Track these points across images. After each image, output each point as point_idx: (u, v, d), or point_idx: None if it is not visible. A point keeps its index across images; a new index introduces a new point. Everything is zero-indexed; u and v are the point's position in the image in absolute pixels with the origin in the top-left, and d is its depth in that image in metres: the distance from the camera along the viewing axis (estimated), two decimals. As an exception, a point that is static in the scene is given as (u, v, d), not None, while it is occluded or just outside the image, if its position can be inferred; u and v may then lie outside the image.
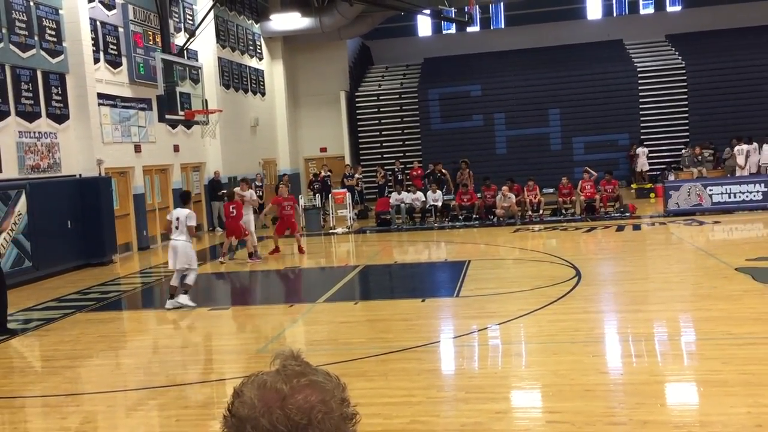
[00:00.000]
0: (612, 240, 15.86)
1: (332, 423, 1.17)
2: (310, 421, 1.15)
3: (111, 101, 17.11)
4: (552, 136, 27.23)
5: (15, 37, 14.15)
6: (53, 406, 6.87)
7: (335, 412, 1.18)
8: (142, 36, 18.48)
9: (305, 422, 1.15)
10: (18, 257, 13.76)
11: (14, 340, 9.62)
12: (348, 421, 1.21)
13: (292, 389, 1.17)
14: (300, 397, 1.17)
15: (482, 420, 5.67)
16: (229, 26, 23.95)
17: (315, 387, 1.19)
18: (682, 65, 26.85)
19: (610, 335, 8.37)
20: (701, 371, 6.65)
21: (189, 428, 6.05)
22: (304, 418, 1.15)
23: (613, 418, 5.59)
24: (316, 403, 1.17)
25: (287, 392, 1.17)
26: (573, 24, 30.78)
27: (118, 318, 11.38)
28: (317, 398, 1.18)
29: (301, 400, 1.16)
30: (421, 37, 32.79)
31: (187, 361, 8.47)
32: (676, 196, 18.62)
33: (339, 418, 1.19)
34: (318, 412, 1.16)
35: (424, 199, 20.70)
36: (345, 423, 1.20)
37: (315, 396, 1.18)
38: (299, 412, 1.15)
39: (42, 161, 14.90)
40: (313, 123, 29.29)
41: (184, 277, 10.98)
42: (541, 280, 11.27)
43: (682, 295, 9.98)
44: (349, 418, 1.21)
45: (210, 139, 21.26)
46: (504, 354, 7.72)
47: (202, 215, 21.93)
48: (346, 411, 1.21)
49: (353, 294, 12.06)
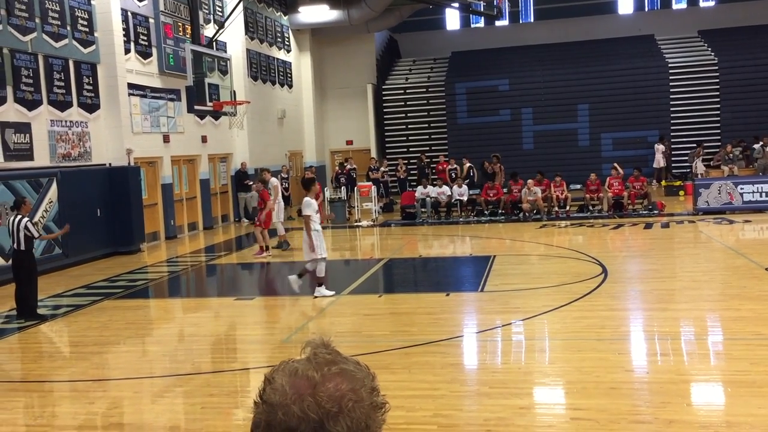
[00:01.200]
0: (639, 237, 15.70)
1: (362, 411, 1.18)
2: (340, 409, 1.16)
3: (141, 91, 17.29)
4: (580, 131, 26.98)
5: (48, 27, 14.35)
6: (81, 390, 6.98)
7: (365, 401, 1.19)
8: (172, 27, 18.63)
9: (336, 410, 1.15)
10: (48, 244, 13.97)
11: (43, 326, 9.79)
12: (378, 410, 1.21)
13: (323, 377, 1.18)
14: (331, 385, 1.18)
15: (505, 415, 5.66)
16: (258, 18, 24.05)
17: (346, 375, 1.20)
18: (715, 61, 26.43)
19: (635, 333, 8.29)
20: (729, 371, 6.56)
21: (214, 416, 6.11)
22: (335, 405, 1.15)
23: (638, 417, 5.55)
24: (346, 391, 1.18)
25: (318, 380, 1.18)
26: (604, 18, 30.42)
27: (145, 306, 11.52)
28: (348, 387, 1.18)
29: (332, 388, 1.17)
30: (449, 31, 32.63)
31: (213, 349, 8.56)
32: (706, 194, 18.36)
33: (369, 407, 1.19)
34: (348, 400, 1.17)
35: (449, 193, 20.65)
36: (375, 412, 1.20)
37: (345, 384, 1.19)
38: (330, 400, 1.16)
39: (73, 150, 15.12)
40: (340, 116, 29.33)
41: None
42: (567, 276, 11.19)
43: (710, 295, 9.85)
44: (379, 407, 1.21)
45: (237, 131, 21.40)
46: (528, 350, 7.69)
47: (228, 206, 22.11)
48: (376, 400, 1.21)
49: (377, 287, 12.08)
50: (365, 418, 1.18)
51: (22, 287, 10.00)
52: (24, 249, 9.82)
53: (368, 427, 1.18)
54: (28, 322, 9.83)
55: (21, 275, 9.96)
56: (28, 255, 9.97)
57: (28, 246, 9.87)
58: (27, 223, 9.80)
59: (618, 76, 26.70)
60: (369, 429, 1.18)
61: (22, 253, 9.88)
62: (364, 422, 1.17)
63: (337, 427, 1.15)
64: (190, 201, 19.76)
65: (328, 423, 1.15)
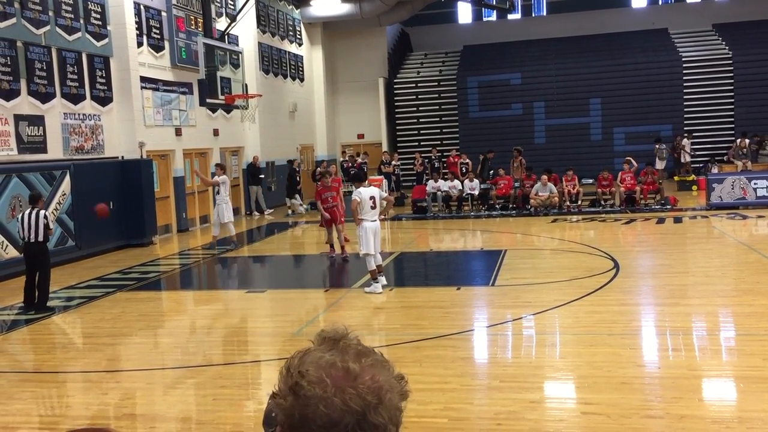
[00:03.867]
0: (652, 232, 15.62)
1: (396, 401, 1.22)
2: (380, 400, 1.18)
3: (153, 85, 17.34)
4: (593, 126, 26.84)
5: (61, 20, 14.41)
6: (94, 381, 7.04)
7: (395, 390, 1.22)
8: (185, 20, 18.67)
9: (376, 401, 1.18)
10: (62, 236, 14.08)
11: (57, 317, 9.87)
12: (404, 399, 1.25)
13: (362, 369, 1.20)
14: (368, 377, 1.20)
15: (516, 409, 5.66)
16: (270, 11, 24.06)
17: (378, 366, 1.23)
18: (729, 55, 26.21)
19: (647, 328, 8.26)
20: (741, 367, 6.53)
21: (225, 407, 6.15)
22: (375, 397, 1.18)
23: (649, 412, 5.53)
24: (383, 382, 1.20)
25: (358, 372, 1.19)
26: (617, 12, 30.23)
27: (158, 298, 11.58)
28: (383, 378, 1.21)
29: (369, 380, 1.19)
30: (461, 25, 32.52)
31: (224, 341, 8.60)
32: (720, 189, 18.24)
33: (399, 397, 1.23)
34: (386, 391, 1.20)
35: (461, 187, 20.61)
36: (402, 399, 1.24)
37: (381, 376, 1.21)
38: (370, 392, 1.18)
39: (86, 143, 15.20)
40: (351, 109, 29.31)
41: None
42: (578, 271, 11.16)
43: (722, 290, 9.80)
44: (406, 396, 1.25)
45: (249, 124, 21.43)
46: (539, 344, 7.68)
47: (240, 199, 22.17)
48: (402, 389, 1.24)
49: (388, 280, 12.06)
50: (397, 407, 1.22)
51: (36, 278, 10.15)
52: (42, 240, 10.04)
53: (400, 413, 1.23)
54: (39, 314, 9.92)
55: (37, 266, 10.12)
56: (43, 247, 10.15)
57: (45, 237, 10.08)
58: (46, 214, 10.07)
59: (631, 70, 26.54)
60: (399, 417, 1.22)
61: (41, 244, 10.07)
62: (397, 411, 1.21)
63: (378, 418, 1.17)
64: (202, 194, 19.82)
65: (371, 414, 1.17)
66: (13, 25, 13.17)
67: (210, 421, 5.89)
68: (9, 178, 12.86)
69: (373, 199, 10.34)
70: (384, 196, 10.81)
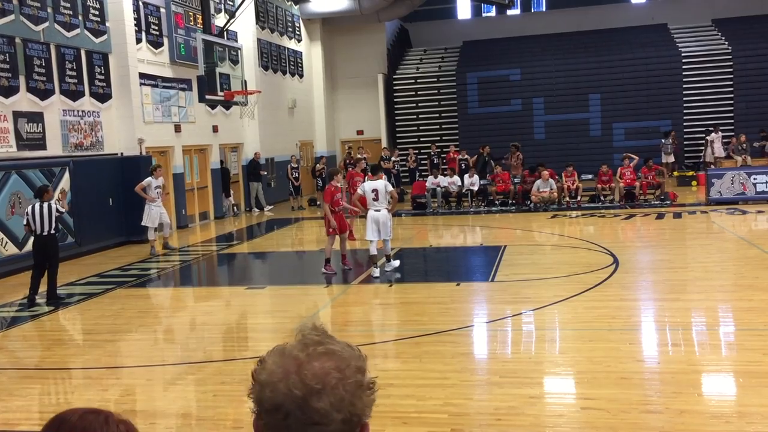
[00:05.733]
0: (651, 228, 15.63)
1: (346, 389, 1.22)
2: (324, 386, 1.20)
3: (152, 81, 17.33)
4: (592, 121, 26.83)
5: (60, 16, 14.39)
6: (95, 378, 7.05)
7: (349, 379, 1.23)
8: (183, 16, 18.64)
9: (319, 387, 1.20)
10: (61, 233, 14.05)
11: (57, 314, 9.87)
12: (363, 390, 1.25)
13: (308, 356, 1.23)
14: (316, 363, 1.22)
15: (516, 404, 5.67)
16: (269, 7, 24.02)
17: (331, 355, 1.24)
18: (728, 50, 26.18)
19: (647, 323, 8.27)
20: (741, 362, 6.54)
21: (226, 403, 6.16)
22: (319, 383, 1.20)
23: (648, 407, 5.54)
24: (330, 369, 1.22)
25: (303, 359, 1.23)
26: (616, 7, 30.20)
27: (157, 294, 11.59)
28: (332, 365, 1.23)
29: (317, 367, 1.22)
30: (461, 20, 32.48)
31: (224, 338, 8.61)
32: (719, 184, 18.24)
33: (353, 385, 1.23)
34: (332, 378, 1.21)
35: (460, 183, 20.61)
36: (360, 390, 1.24)
37: (330, 363, 1.23)
38: (314, 378, 1.20)
39: (85, 139, 15.19)
40: (351, 105, 29.30)
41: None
42: (578, 266, 11.17)
43: (722, 285, 9.81)
44: (366, 387, 1.25)
45: (248, 120, 21.42)
46: (538, 339, 7.69)
47: (240, 196, 22.17)
48: (361, 379, 1.25)
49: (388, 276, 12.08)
50: (349, 396, 1.22)
51: (46, 271, 10.29)
52: (54, 232, 10.23)
53: (353, 404, 1.22)
54: (48, 308, 10.05)
55: (49, 258, 10.26)
56: (55, 239, 10.38)
57: (57, 228, 10.31)
58: (58, 207, 10.30)
59: (630, 66, 26.52)
60: (354, 407, 1.22)
61: (51, 236, 10.22)
62: (348, 400, 1.21)
63: (320, 403, 1.19)
64: (202, 190, 19.83)
65: (312, 399, 1.19)
66: (12, 22, 13.15)
67: (210, 417, 5.90)
68: (8, 175, 12.85)
69: (375, 191, 10.99)
70: (390, 189, 11.21)
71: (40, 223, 10.08)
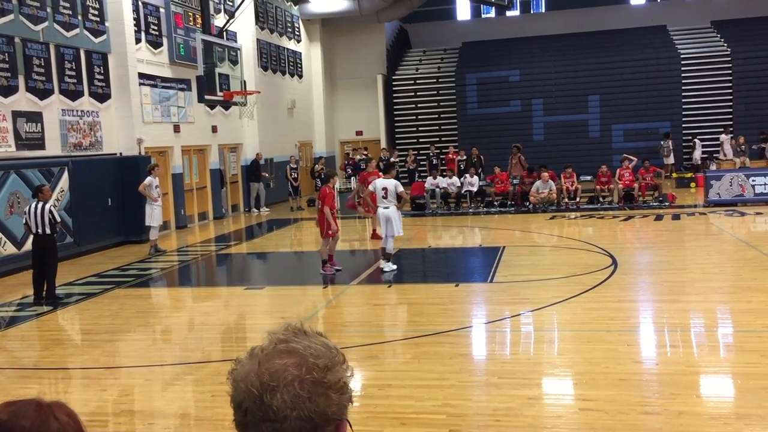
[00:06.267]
0: (650, 229, 15.63)
1: (304, 387, 1.20)
2: (278, 384, 1.20)
3: (151, 81, 17.32)
4: (591, 123, 26.83)
5: (59, 16, 14.39)
6: (93, 378, 7.04)
7: (306, 375, 1.21)
8: (183, 17, 18.64)
9: (274, 384, 1.20)
10: (60, 233, 14.03)
11: (56, 313, 9.87)
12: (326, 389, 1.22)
13: (267, 355, 1.24)
14: (277, 361, 1.22)
15: (514, 405, 5.67)
16: (268, 8, 24.02)
17: (291, 352, 1.24)
18: (728, 52, 26.20)
19: (645, 325, 8.27)
20: (739, 363, 6.54)
21: (224, 404, 6.12)
22: (274, 380, 1.20)
23: (647, 408, 5.54)
24: (288, 366, 1.21)
25: (261, 357, 1.24)
26: (616, 9, 30.21)
27: (156, 294, 11.59)
28: (291, 362, 1.22)
29: (276, 365, 1.22)
30: (460, 21, 32.49)
31: (223, 338, 8.61)
32: (718, 186, 18.26)
33: (312, 383, 1.21)
34: (288, 375, 1.20)
35: (459, 184, 20.62)
36: (320, 388, 1.21)
37: (289, 360, 1.22)
38: (270, 376, 1.21)
39: (84, 139, 15.18)
40: (350, 106, 29.30)
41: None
42: (577, 267, 11.17)
43: (720, 287, 9.81)
44: (330, 386, 1.22)
45: (247, 121, 21.42)
46: (537, 341, 7.69)
47: (239, 196, 22.16)
48: (321, 377, 1.22)
49: (386, 277, 12.09)
50: (307, 394, 1.20)
51: (43, 271, 10.32)
52: (49, 233, 10.21)
53: (312, 401, 1.19)
54: (46, 308, 10.06)
55: (45, 259, 10.28)
56: (51, 239, 10.36)
57: (52, 230, 10.26)
58: (51, 208, 10.25)
59: (629, 67, 26.52)
60: (315, 405, 1.20)
61: (47, 237, 10.23)
62: (306, 397, 1.19)
63: (274, 400, 1.19)
64: (201, 191, 19.82)
65: (266, 396, 1.19)
66: (11, 21, 13.14)
67: (208, 417, 5.90)
68: (7, 175, 12.85)
69: (385, 189, 11.54)
70: (400, 190, 11.64)
71: (35, 223, 10.11)
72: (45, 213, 10.10)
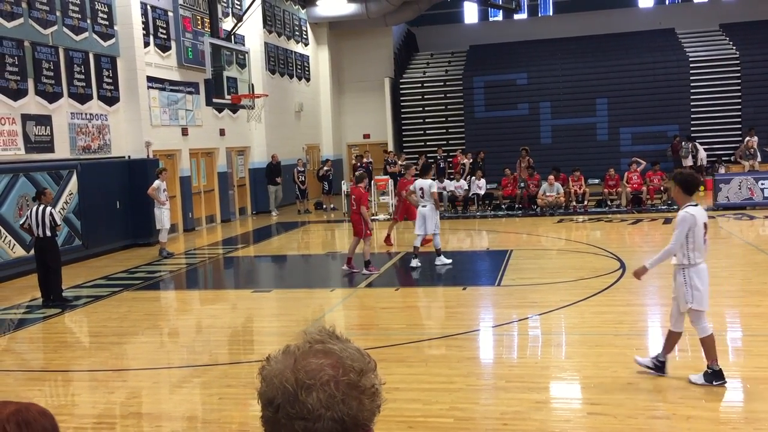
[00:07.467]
0: (658, 233, 15.57)
1: (339, 388, 1.21)
2: (315, 382, 1.20)
3: (160, 84, 17.39)
4: (599, 126, 26.75)
5: (68, 20, 14.46)
6: (101, 380, 7.06)
7: (342, 377, 1.21)
8: (191, 20, 18.71)
9: (311, 382, 1.20)
10: (69, 235, 14.13)
11: (64, 316, 9.90)
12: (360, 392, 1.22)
13: (304, 353, 1.25)
14: (312, 360, 1.23)
15: (522, 409, 5.65)
16: (276, 11, 24.09)
17: (328, 353, 1.25)
18: (736, 55, 26.10)
19: (654, 329, 8.23)
20: (748, 368, 6.51)
21: (231, 406, 6.16)
22: (311, 378, 1.21)
23: (655, 412, 5.52)
24: (324, 366, 1.22)
25: (298, 355, 1.24)
26: (623, 12, 30.15)
27: (164, 297, 11.62)
28: (327, 362, 1.23)
29: (312, 364, 1.22)
30: (467, 24, 32.48)
31: (230, 341, 8.62)
32: (727, 189, 18.18)
33: (347, 385, 1.21)
34: (324, 374, 1.21)
35: (467, 187, 20.59)
36: (354, 391, 1.22)
37: (326, 360, 1.23)
38: (306, 373, 1.21)
39: (93, 142, 15.24)
40: (357, 109, 29.33)
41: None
42: (585, 271, 11.14)
43: (729, 291, 9.76)
44: (363, 390, 1.23)
45: (255, 124, 21.46)
46: (545, 344, 7.67)
47: (246, 199, 22.19)
48: (357, 380, 1.22)
49: (394, 280, 12.09)
50: (342, 396, 1.20)
51: (47, 273, 10.38)
52: (49, 236, 10.27)
53: (345, 404, 1.20)
54: (54, 310, 10.10)
55: (47, 261, 10.32)
56: (52, 242, 10.41)
57: (53, 233, 10.32)
58: (52, 211, 10.31)
59: (638, 70, 26.45)
60: (348, 407, 1.20)
61: (48, 239, 10.29)
62: (339, 398, 1.20)
63: (309, 398, 1.19)
64: (208, 194, 19.87)
65: (301, 394, 1.19)
66: (21, 25, 13.22)
67: (216, 420, 5.90)
68: (16, 178, 12.91)
69: (422, 189, 12.41)
70: (432, 190, 12.31)
71: (36, 226, 10.17)
72: (46, 215, 10.16)
